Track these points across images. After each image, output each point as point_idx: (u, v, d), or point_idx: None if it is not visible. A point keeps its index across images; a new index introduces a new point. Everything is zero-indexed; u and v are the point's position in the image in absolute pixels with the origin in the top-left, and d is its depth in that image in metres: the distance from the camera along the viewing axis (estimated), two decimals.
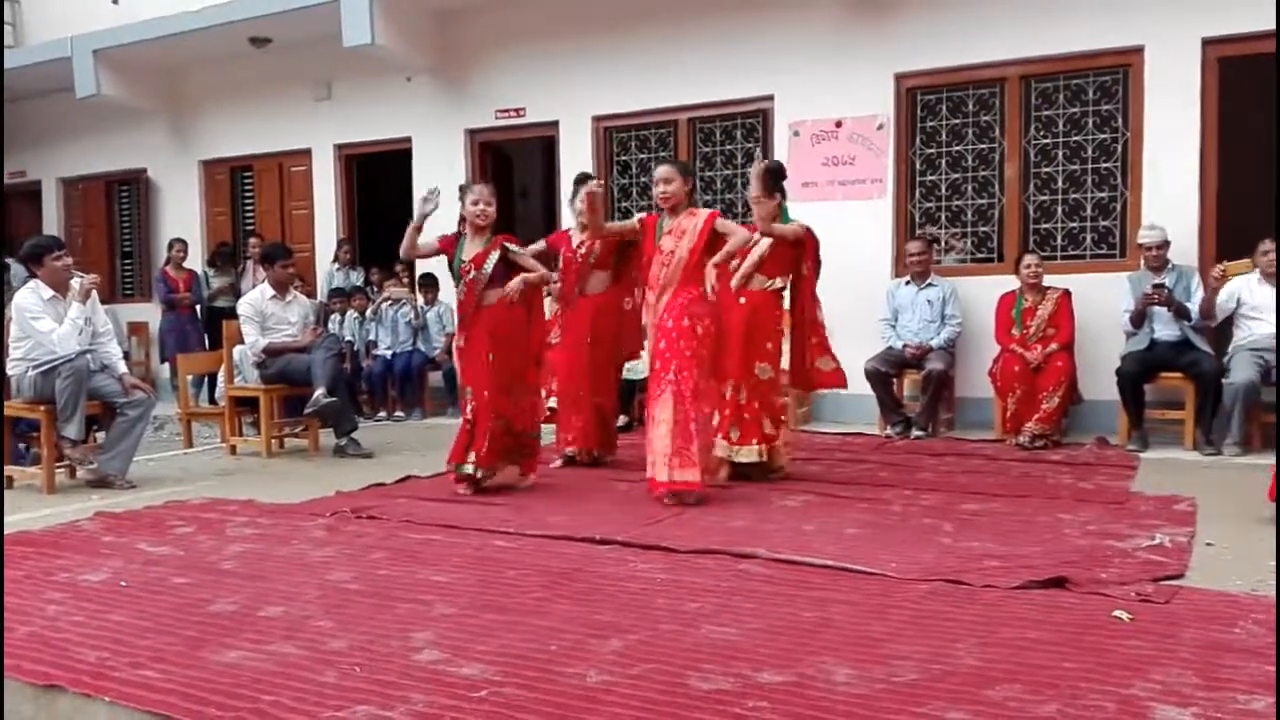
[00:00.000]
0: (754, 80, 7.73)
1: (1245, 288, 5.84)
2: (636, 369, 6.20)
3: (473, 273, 4.92)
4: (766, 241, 5.12)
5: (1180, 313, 5.94)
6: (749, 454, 5.05)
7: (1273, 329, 5.62)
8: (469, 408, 4.94)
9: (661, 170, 4.77)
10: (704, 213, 4.74)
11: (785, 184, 5.20)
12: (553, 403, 5.88)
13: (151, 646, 2.79)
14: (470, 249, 4.99)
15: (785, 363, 5.29)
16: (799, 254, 5.21)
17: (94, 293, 5.63)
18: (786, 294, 5.29)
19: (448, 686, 2.44)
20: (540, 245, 5.76)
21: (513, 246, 5.03)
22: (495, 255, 4.94)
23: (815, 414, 7.51)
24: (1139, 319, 6.06)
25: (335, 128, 9.66)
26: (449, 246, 5.06)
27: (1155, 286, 5.94)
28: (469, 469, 4.91)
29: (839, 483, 5.05)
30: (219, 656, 2.69)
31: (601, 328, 5.61)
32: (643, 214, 5.18)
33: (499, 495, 4.93)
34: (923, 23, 7.16)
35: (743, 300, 5.15)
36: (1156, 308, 5.97)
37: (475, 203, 5.00)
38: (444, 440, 6.98)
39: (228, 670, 2.59)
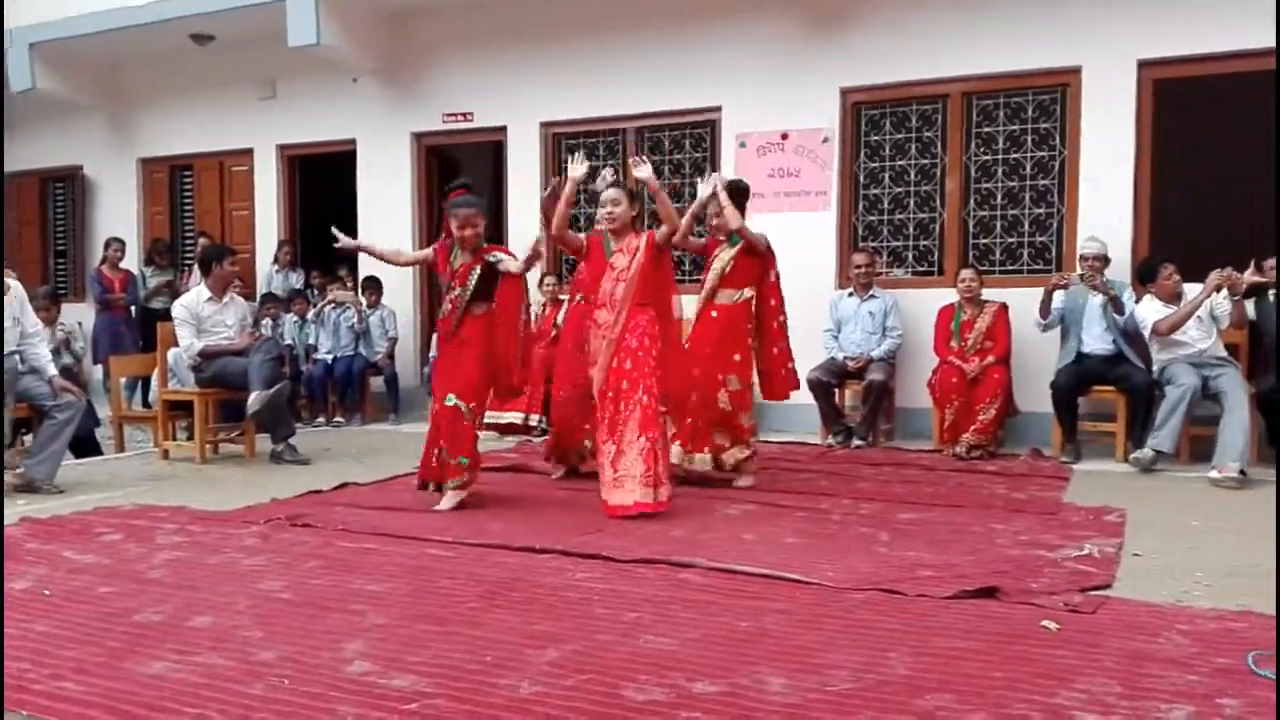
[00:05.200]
0: (702, 91, 7.77)
1: (1153, 312, 5.92)
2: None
3: (456, 289, 4.76)
4: (727, 256, 5.25)
5: (1117, 307, 6.05)
6: (702, 461, 5.26)
7: (1197, 349, 5.76)
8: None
9: (609, 193, 4.78)
10: (644, 234, 4.82)
11: (746, 202, 5.39)
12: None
13: (73, 658, 2.72)
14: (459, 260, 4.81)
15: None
16: (764, 263, 5.32)
17: (21, 291, 5.48)
18: (754, 302, 5.34)
19: (378, 698, 2.40)
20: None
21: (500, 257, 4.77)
22: (477, 271, 4.74)
23: (759, 423, 7.53)
24: (1046, 309, 6.24)
25: (278, 128, 9.53)
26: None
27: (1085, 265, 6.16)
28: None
29: (780, 491, 5.09)
30: (143, 668, 2.63)
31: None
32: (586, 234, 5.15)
33: (438, 501, 4.89)
34: (869, 39, 7.26)
35: (714, 314, 5.28)
36: (1091, 315, 6.12)
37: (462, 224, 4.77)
38: (384, 447, 6.96)
39: (152, 682, 2.53)
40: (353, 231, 9.11)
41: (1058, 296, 6.28)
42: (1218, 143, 8.22)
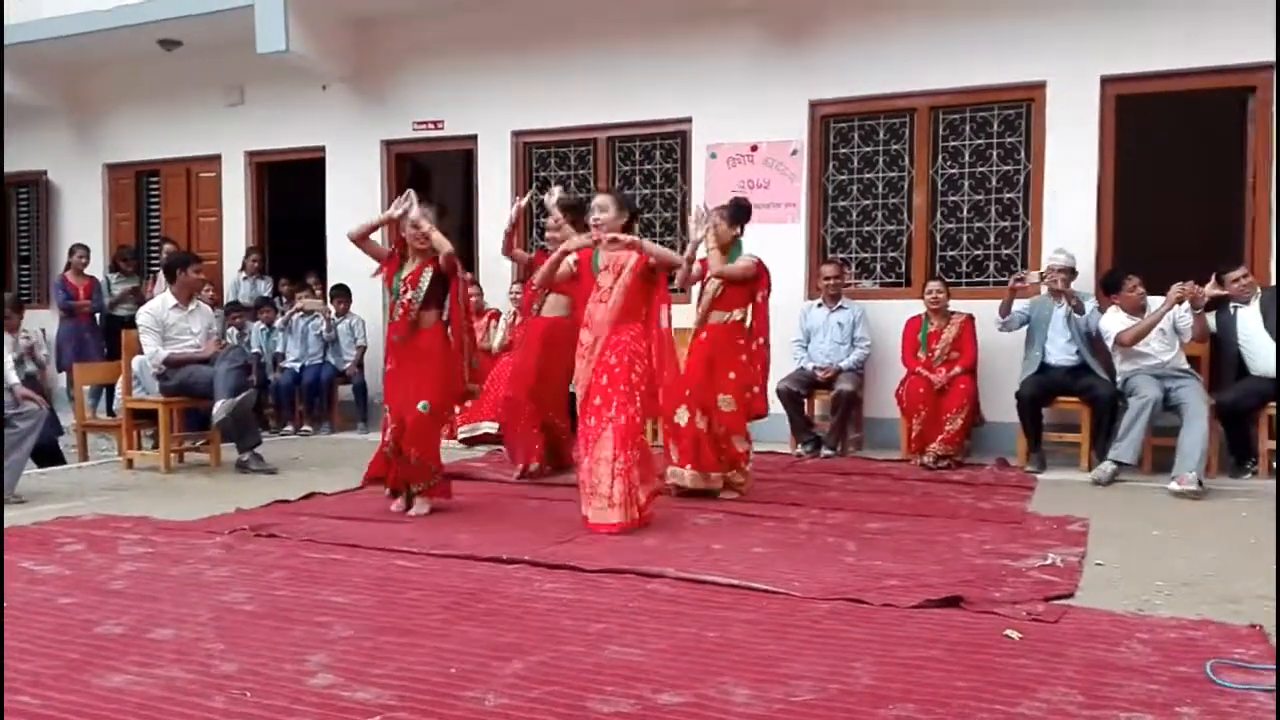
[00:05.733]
0: (673, 102, 7.80)
1: (1117, 323, 6.00)
2: None
3: (409, 292, 4.78)
4: (717, 281, 5.28)
5: (1077, 308, 6.14)
6: (696, 480, 5.17)
7: (1159, 360, 5.84)
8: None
9: (598, 199, 4.66)
10: (633, 256, 4.56)
11: (747, 221, 5.43)
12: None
13: (30, 670, 2.68)
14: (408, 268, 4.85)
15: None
16: (751, 289, 5.34)
17: None
18: (749, 321, 5.38)
19: (341, 712, 2.39)
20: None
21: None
22: (429, 273, 4.78)
23: None
24: (1006, 308, 6.33)
25: (247, 134, 9.45)
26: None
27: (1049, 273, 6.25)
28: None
29: (750, 501, 5.10)
30: (102, 680, 2.60)
31: (556, 347, 5.61)
32: (575, 250, 4.92)
33: (408, 513, 4.87)
34: (838, 52, 7.31)
35: (704, 335, 5.31)
36: (1056, 326, 6.19)
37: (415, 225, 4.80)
38: (352, 456, 6.89)
39: (111, 695, 2.50)
40: (321, 240, 9.13)
41: (1024, 304, 6.35)
42: (1180, 157, 8.36)
